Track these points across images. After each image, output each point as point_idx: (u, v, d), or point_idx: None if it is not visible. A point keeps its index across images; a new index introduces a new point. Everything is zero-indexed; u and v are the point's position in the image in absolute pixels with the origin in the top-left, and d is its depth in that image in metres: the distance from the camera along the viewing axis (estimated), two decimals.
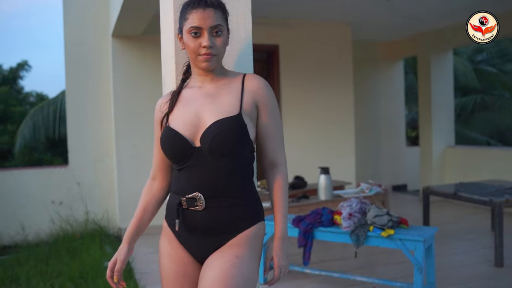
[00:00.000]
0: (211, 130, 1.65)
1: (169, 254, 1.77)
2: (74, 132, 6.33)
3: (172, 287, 1.77)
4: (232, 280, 1.60)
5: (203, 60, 1.70)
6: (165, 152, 1.74)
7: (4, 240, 5.93)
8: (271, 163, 1.82)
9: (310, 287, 3.97)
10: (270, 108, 1.79)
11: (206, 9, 1.68)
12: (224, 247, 1.69)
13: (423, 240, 3.34)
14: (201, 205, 1.67)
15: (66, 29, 6.29)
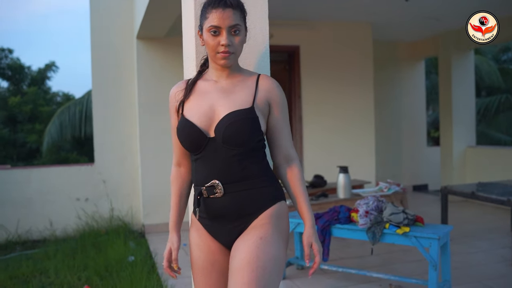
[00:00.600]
0: (225, 120, 1.76)
1: (198, 245, 1.87)
2: (100, 131, 6.52)
3: (202, 275, 1.85)
4: (258, 262, 1.67)
5: (221, 57, 1.80)
6: (182, 142, 1.84)
7: (33, 235, 6.15)
8: (285, 158, 1.91)
9: (328, 282, 4.06)
10: (281, 107, 1.90)
11: (226, 9, 1.77)
12: (248, 229, 1.78)
13: (438, 237, 3.40)
14: (220, 191, 1.76)
15: (93, 32, 6.48)
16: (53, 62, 17.27)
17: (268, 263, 1.69)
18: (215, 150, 1.78)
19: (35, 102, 15.65)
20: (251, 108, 1.80)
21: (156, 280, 4.10)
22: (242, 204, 1.79)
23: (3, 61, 15.93)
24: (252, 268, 1.66)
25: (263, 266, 1.67)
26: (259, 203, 1.80)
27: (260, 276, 1.65)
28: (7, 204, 6.11)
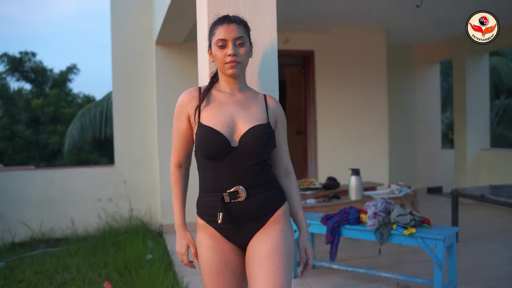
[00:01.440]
0: (251, 133, 1.94)
1: (212, 247, 1.97)
2: (119, 134, 6.74)
3: (215, 276, 1.97)
4: (283, 248, 1.94)
5: (229, 67, 1.97)
6: (203, 148, 1.94)
7: (56, 233, 6.40)
8: (285, 171, 2.13)
9: (338, 281, 4.20)
10: (283, 125, 2.13)
11: (230, 24, 1.98)
12: (268, 224, 1.98)
13: (443, 238, 3.52)
14: (243, 196, 1.92)
15: (114, 37, 6.71)
16: (75, 64, 17.66)
17: (290, 250, 1.97)
18: (236, 158, 1.94)
19: (57, 104, 16.01)
20: (268, 124, 2.01)
21: (173, 277, 4.28)
22: (261, 206, 1.97)
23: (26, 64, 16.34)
24: (280, 255, 1.92)
25: (287, 253, 1.94)
26: (274, 203, 2.01)
27: (286, 261, 1.92)
28: (32, 204, 6.37)
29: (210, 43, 2.04)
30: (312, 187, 5.77)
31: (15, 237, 6.23)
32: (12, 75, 16.27)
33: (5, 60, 15.87)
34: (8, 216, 6.25)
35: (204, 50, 2.41)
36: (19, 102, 16.14)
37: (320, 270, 4.48)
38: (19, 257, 5.52)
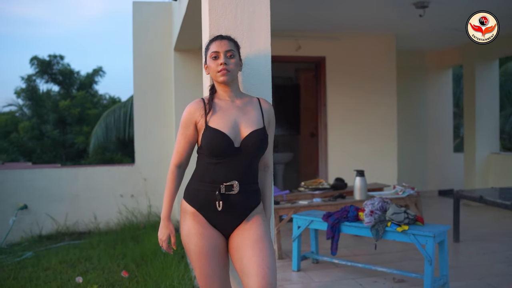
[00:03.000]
0: (252, 137, 2.28)
1: (202, 234, 2.27)
2: (140, 135, 7.15)
3: (206, 259, 2.28)
4: (267, 235, 2.32)
5: (220, 75, 2.30)
6: (211, 148, 2.24)
7: (80, 227, 6.83)
8: (265, 165, 2.49)
9: (338, 275, 4.48)
10: (273, 127, 2.47)
11: (222, 40, 2.35)
12: (252, 217, 2.33)
13: (433, 235, 3.78)
14: (236, 190, 2.26)
15: (135, 43, 7.13)
16: (100, 67, 18.19)
17: (270, 237, 2.35)
18: (237, 157, 2.28)
19: (83, 105, 16.53)
20: (264, 128, 2.35)
21: (184, 267, 4.63)
22: (248, 201, 2.32)
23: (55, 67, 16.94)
24: (266, 239, 2.30)
25: (269, 238, 2.34)
26: (256, 200, 2.38)
27: (270, 247, 2.31)
28: (57, 199, 6.81)
29: (205, 58, 2.39)
30: (321, 187, 6.05)
31: (42, 229, 6.68)
32: (41, 77, 16.89)
33: (35, 63, 16.50)
34: (36, 210, 6.70)
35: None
36: (47, 103, 16.72)
37: (322, 265, 4.77)
38: (45, 248, 5.95)
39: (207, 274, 2.29)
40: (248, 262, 2.22)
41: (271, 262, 2.23)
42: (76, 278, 4.47)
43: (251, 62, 2.68)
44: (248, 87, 2.66)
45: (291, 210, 5.08)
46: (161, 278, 4.31)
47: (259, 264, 2.20)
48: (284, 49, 6.99)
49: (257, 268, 2.19)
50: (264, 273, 2.18)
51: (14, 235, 6.60)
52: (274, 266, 2.24)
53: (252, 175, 2.35)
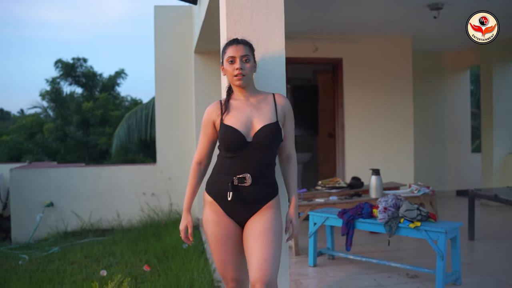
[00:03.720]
0: (263, 131, 2.43)
1: (217, 221, 2.48)
2: (161, 135, 7.36)
3: (221, 245, 2.48)
4: (274, 228, 2.43)
5: (236, 79, 2.47)
6: (225, 143, 2.43)
7: (103, 224, 7.06)
8: (288, 155, 2.61)
9: (353, 270, 4.60)
10: (290, 118, 2.59)
11: (238, 44, 2.50)
12: (263, 209, 2.46)
13: (445, 231, 3.89)
14: (249, 182, 2.41)
15: (157, 46, 7.34)
16: (122, 69, 18.53)
17: (279, 230, 2.47)
18: (250, 151, 2.43)
19: (105, 107, 16.84)
20: (277, 122, 2.48)
21: (204, 262, 4.80)
22: (260, 193, 2.46)
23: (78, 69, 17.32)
24: (272, 232, 2.41)
25: (277, 232, 2.45)
26: (270, 194, 2.50)
27: (276, 238, 2.42)
28: (82, 197, 7.05)
29: (222, 60, 2.55)
30: (337, 186, 6.16)
31: (67, 226, 6.93)
32: (65, 80, 17.27)
33: (59, 66, 16.90)
34: (61, 207, 6.96)
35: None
36: (71, 105, 17.10)
37: (338, 261, 4.90)
38: (71, 244, 6.19)
39: (222, 259, 2.50)
40: (251, 253, 2.38)
41: (271, 254, 2.35)
42: (101, 271, 4.66)
43: (266, 64, 2.84)
44: (264, 86, 2.81)
45: (307, 207, 5.22)
46: (182, 271, 4.48)
47: (259, 256, 2.33)
48: (301, 51, 7.13)
49: (256, 259, 2.33)
50: (261, 265, 2.31)
51: (41, 231, 6.86)
52: (275, 258, 2.36)
53: (266, 168, 2.47)
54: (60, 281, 4.52)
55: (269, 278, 2.30)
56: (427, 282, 4.16)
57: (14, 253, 5.88)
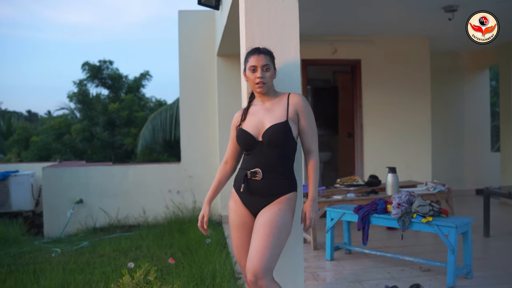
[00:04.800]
0: (269, 130, 2.67)
1: (235, 211, 2.76)
2: (185, 135, 7.65)
3: (236, 232, 2.76)
4: (276, 222, 2.57)
5: (258, 87, 2.72)
6: (239, 143, 2.74)
7: (130, 221, 7.37)
8: (307, 150, 2.79)
9: (369, 264, 4.78)
10: (306, 114, 2.76)
11: (260, 54, 2.73)
12: (271, 204, 2.66)
13: (455, 226, 4.06)
14: (259, 176, 2.66)
15: (181, 49, 7.63)
16: (147, 71, 18.89)
17: (282, 226, 2.59)
18: (261, 149, 2.68)
19: (131, 108, 17.19)
20: (286, 121, 2.68)
21: (225, 255, 5.04)
22: (271, 187, 2.67)
23: (104, 71, 17.76)
24: (272, 227, 2.56)
25: (279, 226, 2.58)
26: (282, 189, 2.69)
27: (275, 232, 2.56)
28: (110, 195, 7.38)
29: (245, 68, 2.79)
30: (355, 183, 6.35)
31: (96, 222, 7.26)
32: (92, 82, 17.71)
33: (86, 68, 17.36)
34: (90, 204, 7.29)
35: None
36: (97, 106, 17.51)
37: (354, 255, 5.09)
38: (99, 239, 6.50)
39: (237, 245, 2.77)
40: (251, 244, 2.58)
41: (264, 247, 2.48)
42: (128, 263, 4.93)
43: (282, 67, 3.06)
44: (280, 88, 3.04)
45: (325, 204, 5.42)
46: (205, 264, 4.73)
47: (253, 247, 2.53)
48: (321, 53, 7.34)
49: (251, 250, 2.54)
50: (252, 256, 2.50)
51: (70, 227, 7.20)
52: (268, 252, 2.48)
53: (279, 165, 2.66)
54: (91, 271, 4.82)
55: (257, 269, 2.45)
56: (439, 276, 4.33)
57: (47, 247, 6.22)
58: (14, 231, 6.80)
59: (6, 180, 7.88)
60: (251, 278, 2.47)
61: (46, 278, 4.54)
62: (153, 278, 3.30)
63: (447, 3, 5.68)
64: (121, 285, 3.32)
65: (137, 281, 3.29)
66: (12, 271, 4.99)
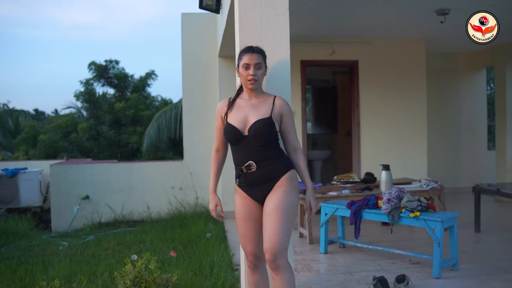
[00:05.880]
0: (255, 124, 2.88)
1: (241, 203, 2.97)
2: (188, 133, 7.90)
3: (243, 222, 2.96)
4: (284, 204, 2.81)
5: (249, 83, 2.93)
6: (227, 138, 2.92)
7: (134, 216, 7.65)
8: (293, 147, 3.02)
9: (361, 257, 5.01)
10: (290, 116, 3.01)
11: (253, 53, 2.94)
12: (275, 188, 2.88)
13: (441, 220, 4.27)
14: (254, 168, 2.87)
15: (184, 51, 7.89)
16: (153, 71, 19.12)
17: (290, 206, 2.85)
18: (247, 143, 2.89)
19: (136, 107, 17.41)
20: (270, 117, 2.91)
21: (224, 248, 5.28)
22: (268, 173, 2.89)
23: (110, 71, 18.03)
24: (281, 209, 2.80)
25: (287, 208, 2.83)
26: (279, 171, 2.91)
27: (285, 214, 2.81)
28: (115, 191, 7.64)
29: (238, 64, 3.01)
30: (351, 180, 6.58)
31: (101, 217, 7.52)
32: (98, 81, 17.99)
33: (92, 68, 17.63)
34: (96, 200, 7.56)
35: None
36: (103, 105, 17.75)
37: (348, 249, 5.32)
38: (105, 233, 6.77)
39: (243, 234, 2.98)
40: (263, 228, 2.83)
41: (279, 229, 2.75)
42: (132, 256, 5.17)
43: (274, 70, 3.29)
44: (271, 89, 3.27)
45: (321, 200, 5.65)
46: (204, 256, 4.98)
47: (268, 231, 2.78)
48: (319, 54, 7.56)
49: (267, 234, 2.78)
50: (270, 238, 2.76)
51: (77, 222, 7.47)
52: (282, 232, 2.76)
53: (268, 153, 2.88)
54: (96, 263, 5.07)
55: (275, 249, 2.73)
56: (427, 268, 4.54)
57: (55, 240, 6.49)
58: (23, 225, 7.08)
59: (15, 177, 8.17)
60: (270, 258, 2.73)
61: (54, 269, 4.81)
62: (153, 267, 3.56)
63: (439, 7, 5.88)
64: (123, 273, 3.58)
65: (138, 269, 3.54)
66: (22, 262, 5.26)
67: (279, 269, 2.76)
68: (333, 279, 4.33)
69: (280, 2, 3.32)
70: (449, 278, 4.27)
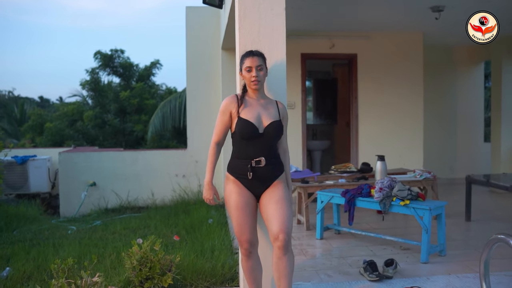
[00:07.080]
0: (271, 126, 3.16)
1: (238, 192, 3.16)
2: (191, 122, 8.18)
3: (240, 211, 3.15)
4: (286, 197, 3.16)
5: (253, 84, 3.19)
6: (242, 133, 3.10)
7: (139, 203, 7.94)
8: (283, 150, 3.34)
9: (355, 243, 5.27)
10: (286, 121, 3.33)
11: (254, 57, 3.20)
12: (275, 183, 3.18)
13: (429, 208, 4.53)
14: (263, 163, 3.14)
15: (188, 43, 8.14)
16: (158, 60, 19.34)
17: (289, 199, 3.21)
18: (261, 140, 3.16)
19: (141, 96, 17.63)
20: (280, 120, 3.22)
21: (225, 233, 5.56)
22: (272, 171, 3.19)
23: (116, 60, 18.25)
24: (285, 199, 3.14)
25: (288, 199, 3.18)
26: (278, 170, 3.24)
27: (288, 204, 3.15)
28: (121, 178, 7.93)
29: (241, 68, 3.26)
30: (348, 170, 6.83)
31: (108, 203, 7.82)
32: (103, 70, 18.21)
33: (98, 57, 17.86)
34: (103, 187, 7.85)
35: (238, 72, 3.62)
36: (109, 94, 18.01)
37: (343, 235, 5.59)
38: (111, 219, 7.06)
39: (240, 222, 3.16)
40: (273, 213, 3.08)
41: (288, 215, 3.07)
42: (137, 240, 5.46)
43: (270, 68, 3.54)
44: (268, 85, 3.52)
45: (318, 188, 5.91)
46: (205, 240, 5.26)
47: (279, 217, 3.05)
48: (319, 47, 7.79)
49: (277, 219, 3.04)
50: (282, 222, 3.03)
51: (84, 207, 7.77)
52: (290, 219, 3.08)
53: (274, 152, 3.21)
54: (104, 246, 5.36)
55: (288, 233, 3.04)
56: (416, 253, 4.81)
57: (63, 225, 6.79)
58: (33, 210, 7.39)
59: (25, 164, 8.46)
60: (285, 237, 2.99)
61: (65, 250, 5.10)
62: (158, 249, 3.84)
63: (433, 4, 6.09)
64: (130, 253, 3.87)
65: (144, 250, 3.82)
66: (34, 244, 5.56)
67: (288, 250, 3.06)
68: (326, 262, 4.61)
69: (277, 3, 3.56)
70: (435, 263, 4.53)
